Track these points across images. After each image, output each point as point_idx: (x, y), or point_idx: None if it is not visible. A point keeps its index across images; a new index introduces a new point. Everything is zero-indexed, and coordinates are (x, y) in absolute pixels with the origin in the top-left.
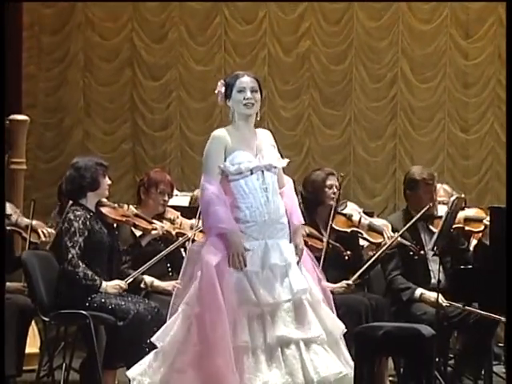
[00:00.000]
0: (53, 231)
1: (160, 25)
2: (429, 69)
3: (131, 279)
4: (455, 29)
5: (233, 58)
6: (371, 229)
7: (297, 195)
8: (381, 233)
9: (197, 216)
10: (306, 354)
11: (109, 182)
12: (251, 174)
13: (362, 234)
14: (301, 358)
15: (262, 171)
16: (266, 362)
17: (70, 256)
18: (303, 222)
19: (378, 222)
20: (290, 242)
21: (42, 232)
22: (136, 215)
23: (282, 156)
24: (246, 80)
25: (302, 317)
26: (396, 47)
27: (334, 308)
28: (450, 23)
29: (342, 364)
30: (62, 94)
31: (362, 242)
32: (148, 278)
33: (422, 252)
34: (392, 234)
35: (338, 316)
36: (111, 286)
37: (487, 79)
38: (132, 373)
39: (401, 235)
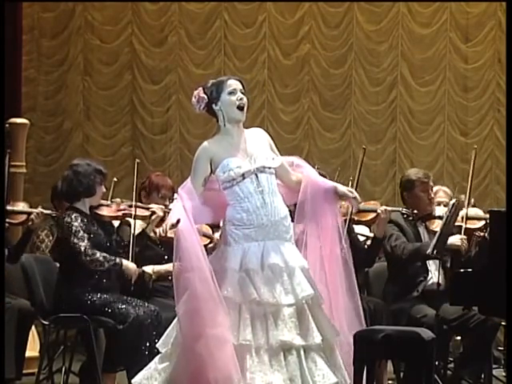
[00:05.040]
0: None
1: (160, 28)
2: (428, 72)
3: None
4: (455, 33)
5: (232, 62)
6: (361, 210)
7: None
8: (372, 210)
9: None
10: (305, 361)
11: (104, 190)
12: (243, 178)
13: (353, 219)
14: (300, 366)
15: (256, 174)
16: (269, 363)
17: (82, 249)
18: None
19: (366, 203)
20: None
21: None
22: (131, 206)
23: (280, 153)
24: (233, 82)
25: (304, 323)
26: (396, 51)
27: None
28: (449, 27)
29: (335, 372)
30: (62, 98)
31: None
32: (147, 268)
33: (416, 212)
34: (383, 208)
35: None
36: (131, 263)
37: (487, 83)
38: (137, 379)
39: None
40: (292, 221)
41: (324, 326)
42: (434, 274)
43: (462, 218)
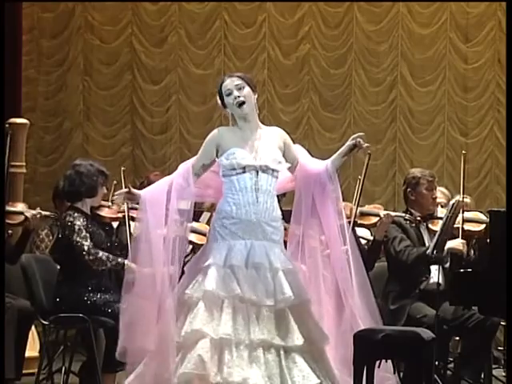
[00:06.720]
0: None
1: (160, 29)
2: (428, 73)
3: None
4: (455, 33)
5: (232, 62)
6: (364, 214)
7: None
8: (375, 214)
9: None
10: (285, 361)
11: (105, 191)
12: (243, 172)
13: (356, 222)
14: (279, 365)
15: (257, 171)
16: (247, 359)
17: (85, 248)
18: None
19: (369, 207)
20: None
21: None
22: (131, 208)
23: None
24: (228, 82)
25: (284, 325)
26: (396, 51)
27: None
28: (449, 27)
29: (321, 375)
30: (62, 98)
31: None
32: None
33: (419, 218)
34: (385, 212)
35: None
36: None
37: (486, 83)
38: (130, 379)
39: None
40: (288, 222)
41: (310, 329)
42: (434, 273)
43: (464, 220)
